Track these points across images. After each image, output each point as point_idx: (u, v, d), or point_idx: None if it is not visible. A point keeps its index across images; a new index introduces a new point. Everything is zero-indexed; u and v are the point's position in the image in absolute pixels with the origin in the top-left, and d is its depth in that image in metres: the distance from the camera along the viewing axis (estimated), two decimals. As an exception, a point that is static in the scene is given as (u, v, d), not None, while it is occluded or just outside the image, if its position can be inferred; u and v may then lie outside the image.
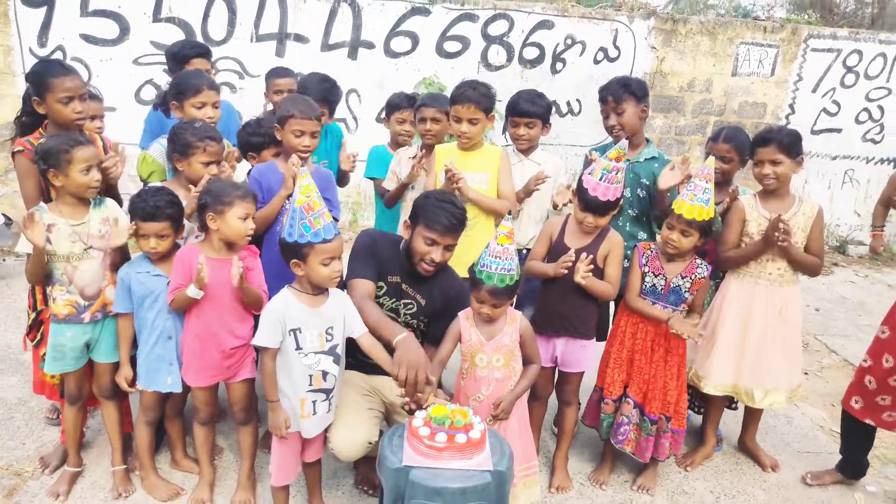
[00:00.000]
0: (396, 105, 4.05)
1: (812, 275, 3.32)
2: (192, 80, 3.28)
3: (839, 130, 7.66)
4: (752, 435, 3.65)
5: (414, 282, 2.94)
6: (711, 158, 3.15)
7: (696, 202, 2.91)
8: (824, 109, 7.62)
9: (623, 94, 3.40)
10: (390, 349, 2.61)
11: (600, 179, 2.88)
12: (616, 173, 2.88)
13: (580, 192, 2.96)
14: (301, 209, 2.46)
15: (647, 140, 3.59)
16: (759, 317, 3.28)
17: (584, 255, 2.92)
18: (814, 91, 7.51)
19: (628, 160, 3.42)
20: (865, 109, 7.68)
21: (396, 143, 4.00)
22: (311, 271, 2.51)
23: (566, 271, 2.92)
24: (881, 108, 7.67)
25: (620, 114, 3.42)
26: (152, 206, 2.74)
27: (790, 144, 3.13)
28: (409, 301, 2.97)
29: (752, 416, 3.62)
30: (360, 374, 2.99)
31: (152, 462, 3.07)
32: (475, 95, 3.22)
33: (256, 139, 3.36)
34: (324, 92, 3.78)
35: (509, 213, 3.19)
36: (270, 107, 4.01)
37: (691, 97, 7.33)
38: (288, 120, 3.10)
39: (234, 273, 2.65)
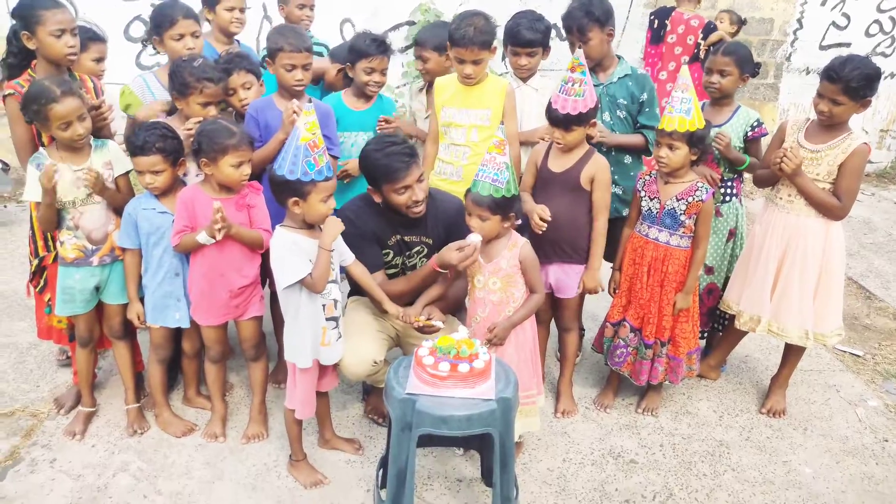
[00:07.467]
0: (363, 52, 3.25)
1: (830, 217, 3.06)
2: (166, 10, 3.18)
3: (848, 45, 7.39)
4: (782, 378, 3.44)
5: (412, 228, 2.93)
6: (685, 67, 3.08)
7: (675, 114, 2.88)
8: (833, 23, 7.36)
9: (587, 23, 3.26)
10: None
11: (559, 92, 2.84)
12: (573, 84, 2.82)
13: (547, 109, 2.92)
14: (306, 146, 2.40)
15: (619, 57, 3.48)
16: (771, 244, 3.18)
17: (543, 213, 2.94)
18: (823, 4, 7.24)
19: (601, 84, 3.36)
20: (876, 21, 7.40)
21: (364, 95, 3.37)
22: (311, 209, 2.49)
23: (539, 231, 2.94)
24: (893, 20, 7.39)
25: (587, 43, 3.29)
26: (142, 141, 2.70)
27: (858, 89, 2.88)
28: (418, 248, 2.97)
29: (786, 357, 3.42)
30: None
31: (166, 399, 3.14)
32: (477, 36, 3.06)
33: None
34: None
35: (502, 122, 3.07)
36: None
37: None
38: (278, 54, 2.99)
39: (213, 218, 2.60)
